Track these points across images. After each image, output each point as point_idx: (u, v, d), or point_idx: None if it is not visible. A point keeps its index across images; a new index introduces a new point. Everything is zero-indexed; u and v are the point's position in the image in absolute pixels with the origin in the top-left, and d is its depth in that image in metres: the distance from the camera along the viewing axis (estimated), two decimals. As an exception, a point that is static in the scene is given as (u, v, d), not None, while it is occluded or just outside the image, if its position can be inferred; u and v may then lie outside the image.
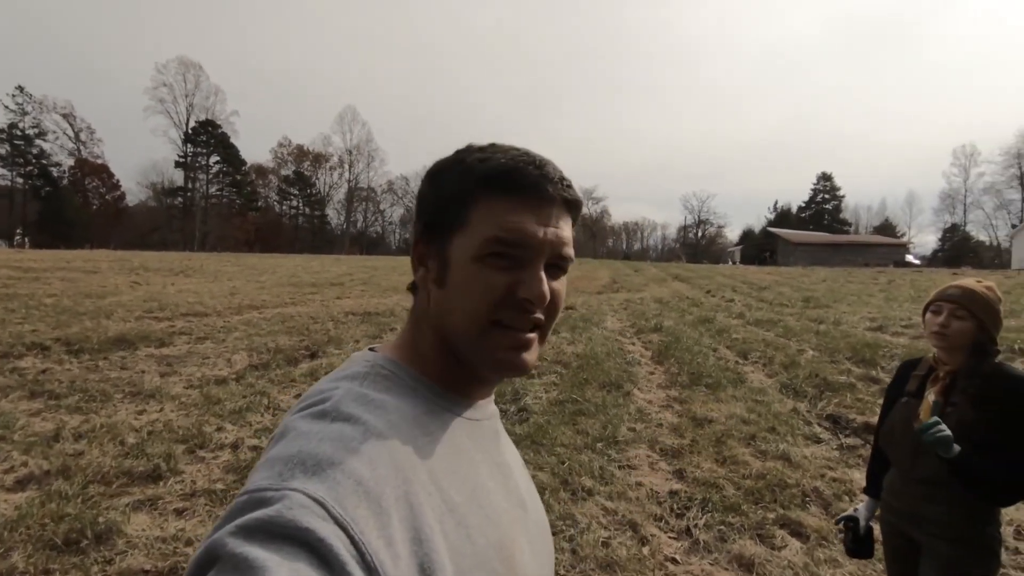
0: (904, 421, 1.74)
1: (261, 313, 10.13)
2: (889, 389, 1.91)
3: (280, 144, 69.52)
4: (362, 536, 0.41)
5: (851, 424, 4.85)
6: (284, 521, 0.39)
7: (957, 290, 1.70)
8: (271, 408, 4.86)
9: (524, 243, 0.55)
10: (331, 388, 0.54)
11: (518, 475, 0.65)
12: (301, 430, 0.49)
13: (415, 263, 0.61)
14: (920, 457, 1.66)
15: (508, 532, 0.56)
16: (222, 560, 0.37)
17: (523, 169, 0.56)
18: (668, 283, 19.92)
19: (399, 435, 0.51)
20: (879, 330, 8.94)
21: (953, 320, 1.67)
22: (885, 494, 1.83)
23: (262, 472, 0.44)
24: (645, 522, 3.15)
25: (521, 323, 0.55)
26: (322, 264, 24.11)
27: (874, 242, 49.13)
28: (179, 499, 3.19)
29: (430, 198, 0.60)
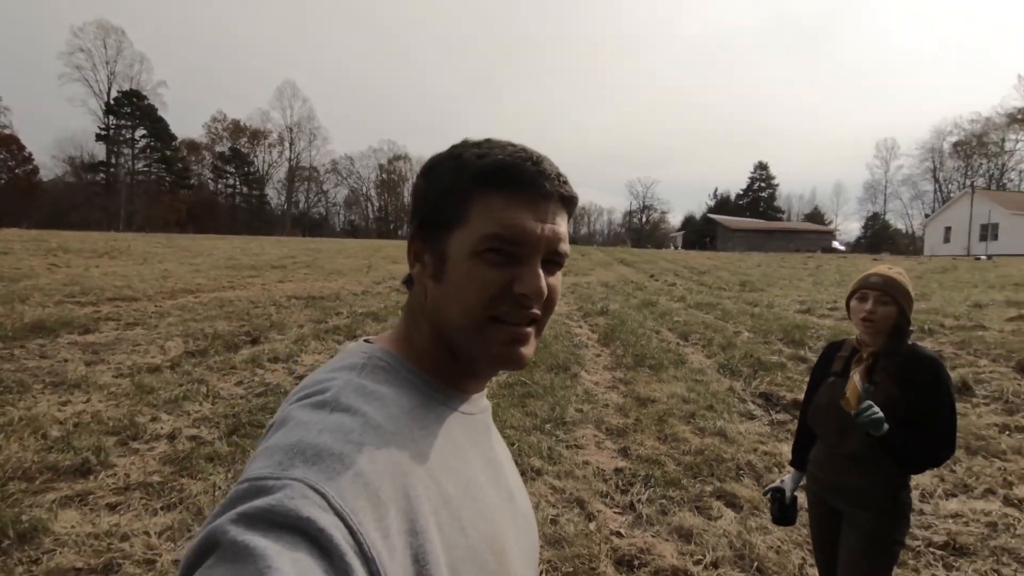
0: (831, 400, 1.85)
1: (197, 297, 9.65)
2: (815, 369, 2.03)
3: (214, 119, 65.67)
4: (360, 527, 0.42)
5: (781, 401, 5.17)
6: (285, 510, 0.39)
7: (880, 278, 1.81)
8: (211, 396, 4.67)
9: (522, 239, 0.55)
10: (329, 378, 0.54)
11: (508, 469, 0.66)
12: (301, 419, 0.49)
13: (411, 259, 0.61)
14: (847, 434, 1.78)
15: (499, 526, 0.57)
16: (222, 547, 0.37)
17: (520, 165, 0.56)
18: (614, 267, 20.39)
19: (397, 428, 0.51)
20: (807, 312, 9.51)
21: (879, 306, 1.78)
22: (811, 467, 1.95)
23: (262, 460, 0.44)
24: (592, 499, 3.26)
25: (518, 318, 0.56)
26: (262, 246, 23.13)
27: (804, 229, 51.94)
28: (112, 493, 3.03)
29: (426, 194, 0.60)
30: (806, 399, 2.05)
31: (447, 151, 0.61)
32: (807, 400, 2.04)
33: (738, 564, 2.68)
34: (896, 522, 1.76)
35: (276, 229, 56.79)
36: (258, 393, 4.80)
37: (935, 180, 61.99)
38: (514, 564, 0.57)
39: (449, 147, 0.61)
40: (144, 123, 56.86)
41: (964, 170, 59.65)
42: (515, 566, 0.57)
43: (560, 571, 2.55)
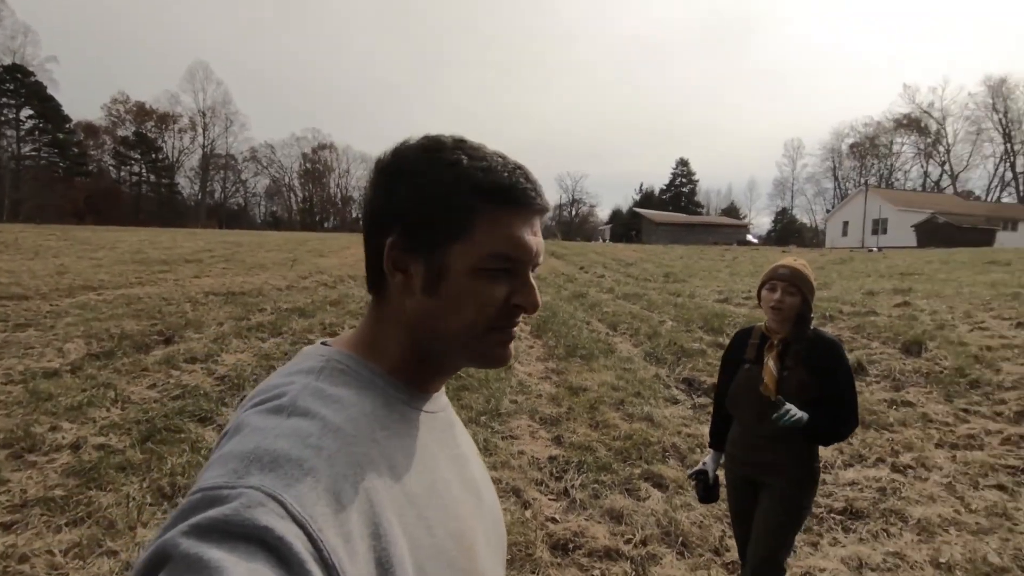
0: (749, 385, 2.00)
1: (100, 295, 8.87)
2: (726, 355, 2.19)
3: (115, 100, 60.16)
4: (320, 534, 0.41)
5: (702, 385, 5.49)
6: (241, 520, 0.38)
7: (787, 270, 1.97)
8: (119, 401, 4.33)
9: (524, 257, 0.57)
10: (286, 383, 0.53)
11: (474, 465, 0.67)
12: (256, 425, 0.47)
13: (389, 267, 0.57)
14: (764, 416, 1.93)
15: (467, 523, 0.57)
16: (174, 560, 0.36)
17: (522, 184, 0.57)
18: (546, 260, 20.72)
19: (358, 430, 0.50)
20: (725, 301, 10.12)
21: (786, 296, 1.95)
22: (729, 447, 2.11)
23: (216, 469, 0.43)
24: (527, 487, 3.33)
25: (513, 324, 0.58)
26: (174, 238, 21.55)
27: (721, 223, 55.05)
28: (6, 512, 2.76)
29: (410, 199, 0.56)
30: (720, 384, 2.20)
31: (425, 152, 0.57)
32: (720, 385, 2.19)
33: (665, 540, 2.84)
34: (807, 488, 1.96)
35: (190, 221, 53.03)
36: (174, 396, 4.50)
37: (835, 178, 67.69)
38: (483, 559, 0.57)
39: (422, 147, 0.58)
40: (31, 102, 51.11)
41: (859, 169, 65.52)
42: (484, 561, 0.58)
43: (498, 560, 2.60)
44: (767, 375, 1.95)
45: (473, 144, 0.59)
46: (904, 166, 63.49)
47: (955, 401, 4.80)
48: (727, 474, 2.14)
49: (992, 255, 17.61)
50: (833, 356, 1.93)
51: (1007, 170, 56.45)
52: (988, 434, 4.16)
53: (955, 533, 2.97)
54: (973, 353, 5.68)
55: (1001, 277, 11.31)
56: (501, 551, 0.67)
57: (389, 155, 0.59)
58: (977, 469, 3.66)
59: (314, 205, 70.31)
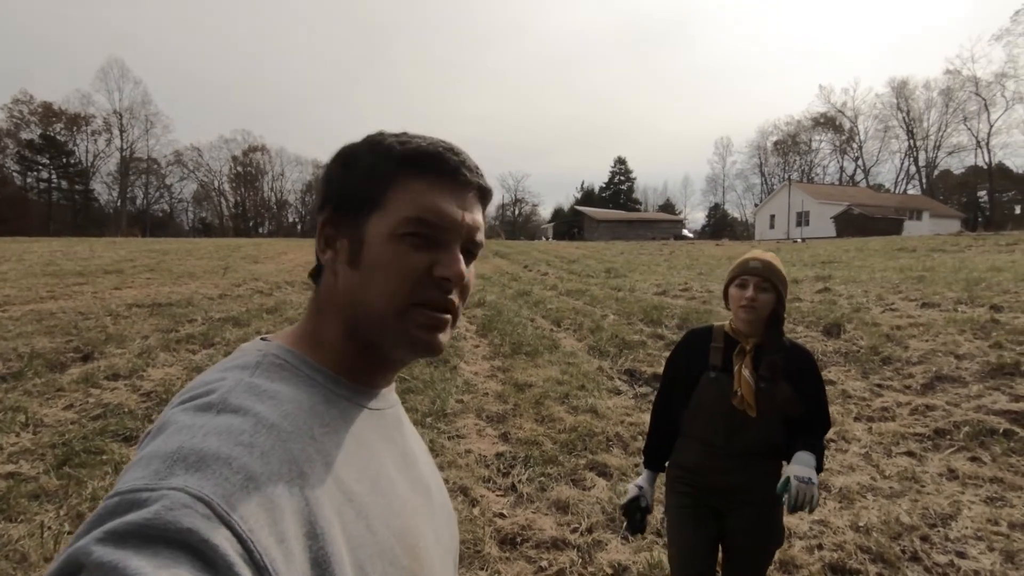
0: (716, 397, 1.72)
1: (5, 311, 8.15)
2: (676, 360, 1.86)
3: (17, 100, 55.31)
4: (251, 535, 0.39)
5: (643, 375, 5.67)
6: (162, 523, 0.36)
7: (759, 263, 1.72)
8: (31, 424, 4.00)
9: (444, 224, 0.55)
10: (217, 379, 0.51)
11: (423, 463, 0.65)
12: (183, 424, 0.44)
13: (321, 246, 0.59)
14: (736, 433, 1.70)
15: (411, 521, 0.56)
16: (87, 570, 0.33)
17: (444, 154, 0.57)
18: (489, 260, 20.76)
19: (294, 426, 0.48)
20: (663, 294, 10.48)
21: (760, 293, 1.69)
22: (681, 471, 1.80)
23: (136, 471, 0.40)
24: (475, 485, 3.33)
25: (439, 303, 0.56)
26: (91, 248, 20.06)
27: (659, 219, 56.91)
28: None
29: (340, 180, 0.59)
30: (664, 394, 1.89)
31: (363, 140, 0.60)
32: (665, 395, 1.89)
33: (610, 527, 2.92)
34: (778, 509, 1.72)
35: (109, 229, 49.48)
36: (94, 416, 4.21)
37: (762, 174, 71.41)
38: (430, 558, 0.56)
39: (364, 137, 0.60)
40: (-83, 103, 46.30)
41: (783, 165, 69.44)
42: (431, 560, 0.57)
43: (446, 559, 2.59)
44: (743, 386, 1.68)
45: (413, 133, 0.60)
46: (823, 162, 67.96)
47: (870, 377, 5.18)
48: (675, 500, 1.82)
49: (901, 243, 19.16)
50: (810, 362, 1.74)
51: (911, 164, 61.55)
52: (899, 406, 4.52)
53: (871, 498, 3.21)
54: (885, 332, 6.14)
55: (908, 263, 12.32)
56: (453, 551, 0.66)
57: (337, 150, 0.61)
58: (890, 439, 3.97)
59: (247, 210, 67.33)
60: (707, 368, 1.77)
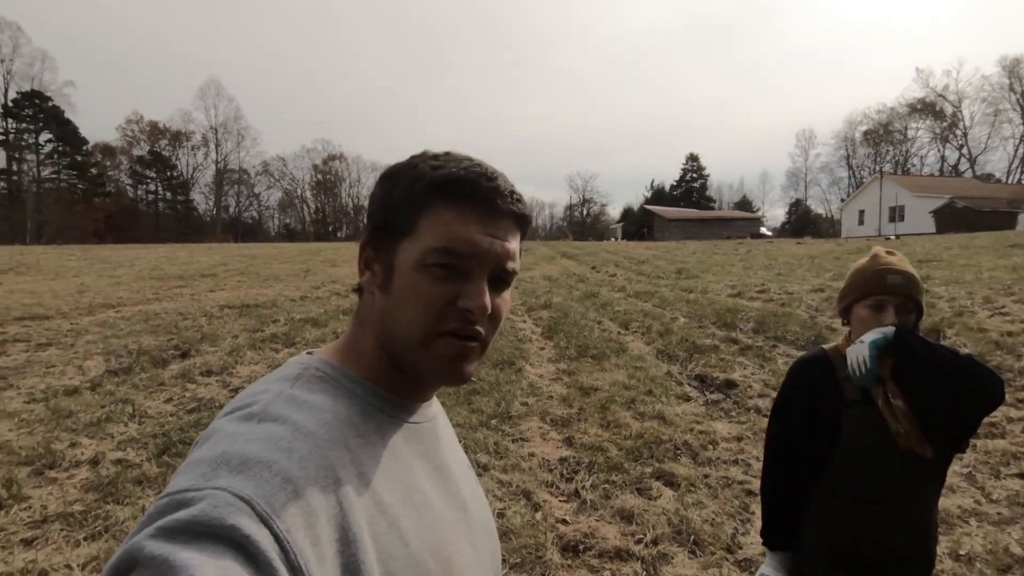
0: (875, 440, 1.35)
1: (118, 312, 9.06)
2: (790, 396, 1.52)
3: (129, 120, 61.44)
4: (287, 535, 0.41)
5: (715, 381, 5.44)
6: (208, 520, 0.38)
7: (901, 279, 1.36)
8: (137, 416, 4.41)
9: (469, 253, 0.55)
10: (261, 391, 0.53)
11: (460, 478, 0.65)
12: (227, 432, 0.47)
13: (361, 267, 0.60)
14: (909, 486, 1.35)
15: (445, 535, 0.56)
16: (141, 564, 0.36)
17: (475, 180, 0.56)
18: (557, 261, 20.69)
19: (330, 435, 0.50)
20: (738, 296, 10.01)
21: (901, 316, 1.36)
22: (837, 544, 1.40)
23: (184, 475, 0.43)
24: (538, 489, 3.33)
25: (463, 332, 0.56)
26: (191, 254, 21.94)
27: (734, 217, 54.50)
28: (27, 528, 2.82)
29: (380, 202, 0.59)
30: (785, 446, 1.50)
31: (406, 160, 0.60)
32: (784, 445, 1.50)
33: (676, 539, 2.82)
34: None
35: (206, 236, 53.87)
36: (190, 409, 4.58)
37: (849, 167, 66.65)
38: (465, 574, 0.56)
39: (408, 157, 0.61)
40: (49, 126, 52.51)
41: (874, 157, 64.42)
42: (466, 574, 0.57)
43: (508, 563, 2.59)
44: (902, 421, 1.32)
45: (453, 153, 0.60)
46: (920, 151, 62.38)
47: (975, 389, 4.69)
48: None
49: (1015, 238, 17.19)
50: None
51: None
52: (1010, 421, 4.07)
53: (975, 524, 2.90)
54: (994, 339, 5.55)
55: (1022, 261, 11.04)
56: (494, 568, 0.65)
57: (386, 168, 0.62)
58: (999, 458, 3.58)
59: (326, 216, 71.04)
60: (844, 404, 1.39)
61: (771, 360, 5.94)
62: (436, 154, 0.60)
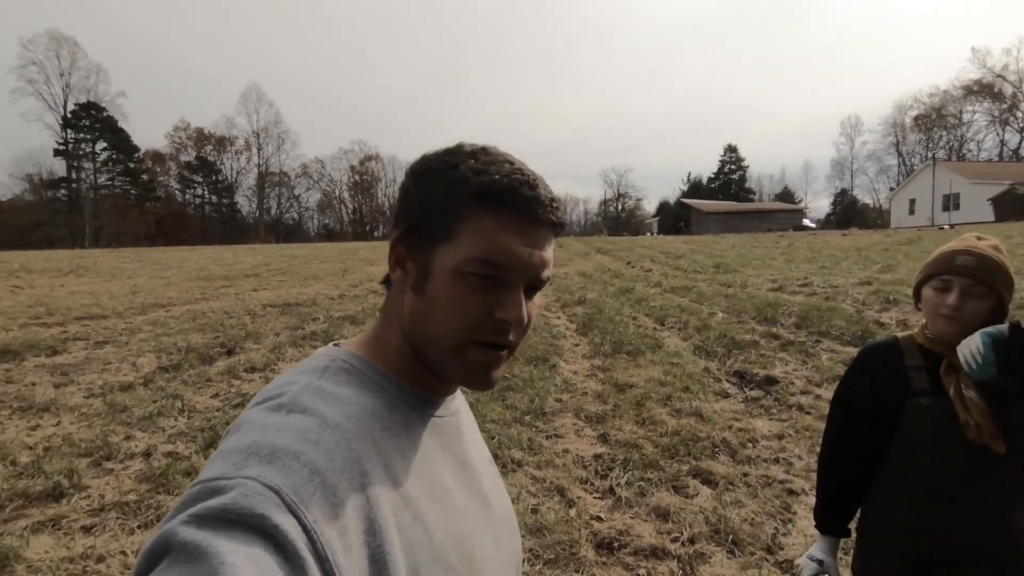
0: (943, 431, 1.30)
1: (168, 311, 9.47)
2: (859, 387, 1.46)
3: (177, 128, 64.17)
4: (315, 525, 0.41)
5: (755, 378, 5.30)
6: (239, 508, 0.39)
7: (972, 259, 1.30)
8: (186, 411, 4.61)
9: (508, 265, 0.54)
10: (289, 382, 0.54)
11: (482, 472, 0.65)
12: (257, 422, 0.48)
13: (392, 263, 0.59)
14: (977, 478, 1.28)
15: (468, 529, 0.56)
16: (174, 549, 0.37)
17: (518, 189, 0.54)
18: (591, 257, 20.54)
19: (357, 427, 0.50)
20: (779, 290, 9.72)
21: (969, 300, 1.29)
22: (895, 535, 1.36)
23: (216, 463, 0.44)
24: (572, 486, 3.31)
25: (496, 341, 0.55)
26: (235, 255, 22.77)
27: (775, 209, 52.86)
28: (86, 516, 2.99)
29: (416, 199, 0.58)
30: (846, 433, 1.47)
31: (441, 155, 0.58)
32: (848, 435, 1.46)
33: (714, 539, 2.76)
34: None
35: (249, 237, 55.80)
36: (235, 404, 4.75)
37: (899, 154, 63.75)
38: (486, 567, 0.57)
39: (443, 150, 0.59)
40: (104, 135, 55.31)
41: (926, 143, 61.44)
42: (488, 569, 0.57)
43: (542, 559, 2.60)
44: (974, 412, 1.26)
45: (491, 151, 0.58)
46: (976, 136, 59.11)
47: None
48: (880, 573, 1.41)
49: (1083, 225, 16.10)
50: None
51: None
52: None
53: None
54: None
55: (1093, 249, 10.33)
56: (515, 562, 0.65)
57: (416, 159, 0.60)
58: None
59: (364, 215, 72.51)
60: (910, 394, 1.35)
61: (814, 356, 5.75)
62: (474, 151, 0.58)
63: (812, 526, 2.78)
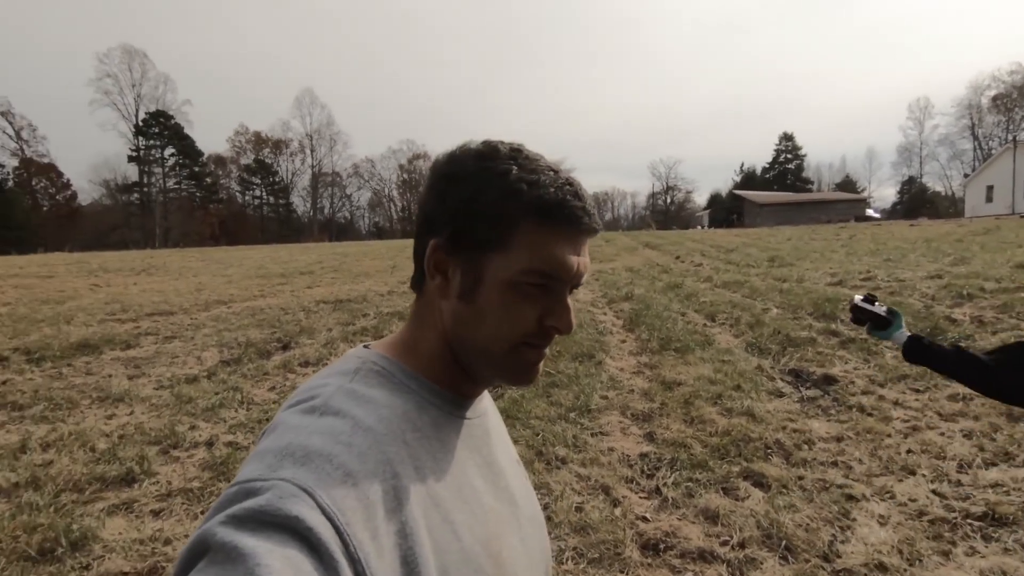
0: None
1: (230, 307, 9.96)
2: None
3: (237, 132, 67.27)
4: (348, 527, 0.42)
5: (812, 377, 5.07)
6: (274, 510, 0.40)
7: None
8: (245, 403, 4.83)
9: (560, 275, 0.56)
10: (322, 384, 0.55)
11: (510, 474, 0.66)
12: (291, 424, 0.50)
13: (431, 268, 0.58)
14: None
15: (496, 530, 0.56)
16: (213, 549, 0.38)
17: (569, 202, 0.56)
18: (639, 251, 20.16)
19: (389, 429, 0.51)
20: (839, 284, 9.25)
21: None
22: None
23: (252, 464, 0.45)
24: (617, 485, 3.27)
25: (543, 344, 0.58)
26: (290, 253, 23.70)
27: (835, 199, 50.33)
28: (155, 500, 3.18)
29: (458, 206, 0.57)
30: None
31: (479, 159, 0.57)
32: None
33: (766, 544, 2.66)
34: None
35: (304, 236, 57.98)
36: (290, 397, 4.95)
37: (974, 138, 59.29)
38: (515, 568, 0.57)
39: (476, 152, 0.58)
40: (172, 142, 58.69)
41: (1005, 124, 56.79)
42: (517, 570, 0.57)
43: (586, 557, 2.58)
44: None
45: (528, 154, 0.58)
46: (1066, 115, 54.17)
47: None
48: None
49: None
50: None
51: None
52: None
53: None
54: None
55: None
56: (544, 564, 0.65)
57: (445, 159, 0.59)
58: None
59: (412, 213, 73.71)
60: None
61: (877, 354, 5.44)
62: (512, 154, 0.57)
63: (873, 534, 2.65)
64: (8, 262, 20.23)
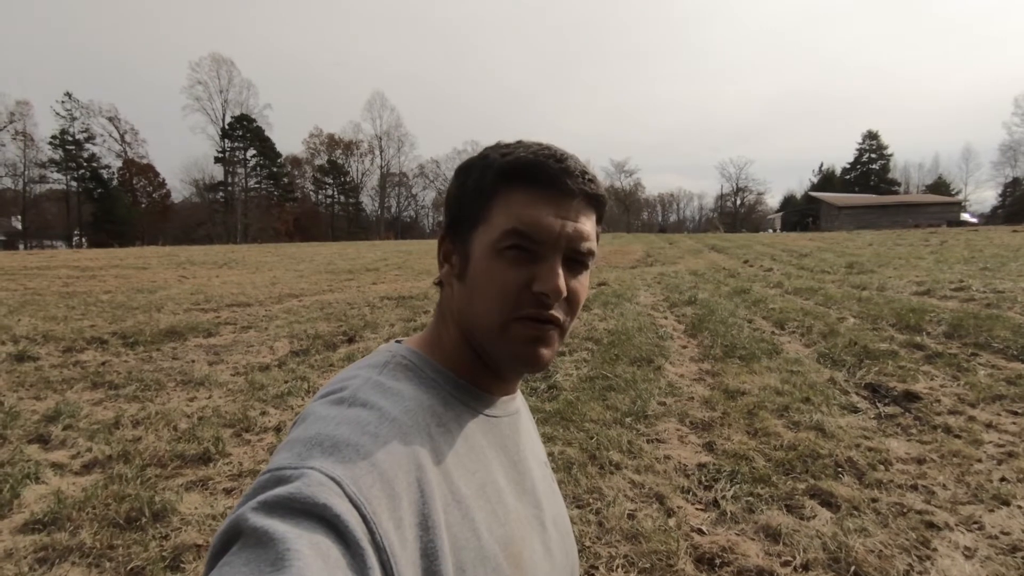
0: None
1: (300, 301, 10.47)
2: None
3: (312, 134, 70.83)
4: (374, 516, 0.43)
5: (891, 392, 4.72)
6: (303, 497, 0.41)
7: None
8: (311, 392, 5.06)
9: (540, 236, 0.55)
10: (351, 376, 0.57)
11: (536, 475, 0.65)
12: (320, 414, 0.51)
13: (440, 260, 0.62)
14: None
15: (517, 531, 0.56)
16: (245, 534, 0.39)
17: (543, 163, 0.56)
18: (704, 254, 19.51)
19: (415, 422, 0.52)
20: (926, 294, 8.57)
21: None
22: None
23: (283, 453, 0.47)
24: (672, 494, 3.18)
25: (540, 317, 0.56)
26: (358, 250, 24.65)
27: (925, 201, 46.63)
28: (227, 479, 3.40)
29: (455, 196, 0.61)
30: None
31: (479, 153, 0.62)
32: None
33: (832, 567, 2.50)
34: None
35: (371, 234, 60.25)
36: (352, 389, 5.14)
37: (1093, 134, 53.20)
38: (535, 572, 0.57)
39: (478, 153, 0.62)
40: (254, 144, 62.51)
41: None
42: (536, 572, 0.57)
43: (636, 567, 2.52)
44: None
45: (526, 142, 0.60)
46: None
47: None
48: None
49: None
50: None
51: None
52: None
53: None
54: None
55: None
56: (567, 564, 0.64)
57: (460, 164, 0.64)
58: None
59: (474, 213, 75.00)
60: None
61: (969, 371, 5.00)
62: (508, 143, 0.60)
63: (956, 567, 2.44)
64: (111, 254, 22.22)
